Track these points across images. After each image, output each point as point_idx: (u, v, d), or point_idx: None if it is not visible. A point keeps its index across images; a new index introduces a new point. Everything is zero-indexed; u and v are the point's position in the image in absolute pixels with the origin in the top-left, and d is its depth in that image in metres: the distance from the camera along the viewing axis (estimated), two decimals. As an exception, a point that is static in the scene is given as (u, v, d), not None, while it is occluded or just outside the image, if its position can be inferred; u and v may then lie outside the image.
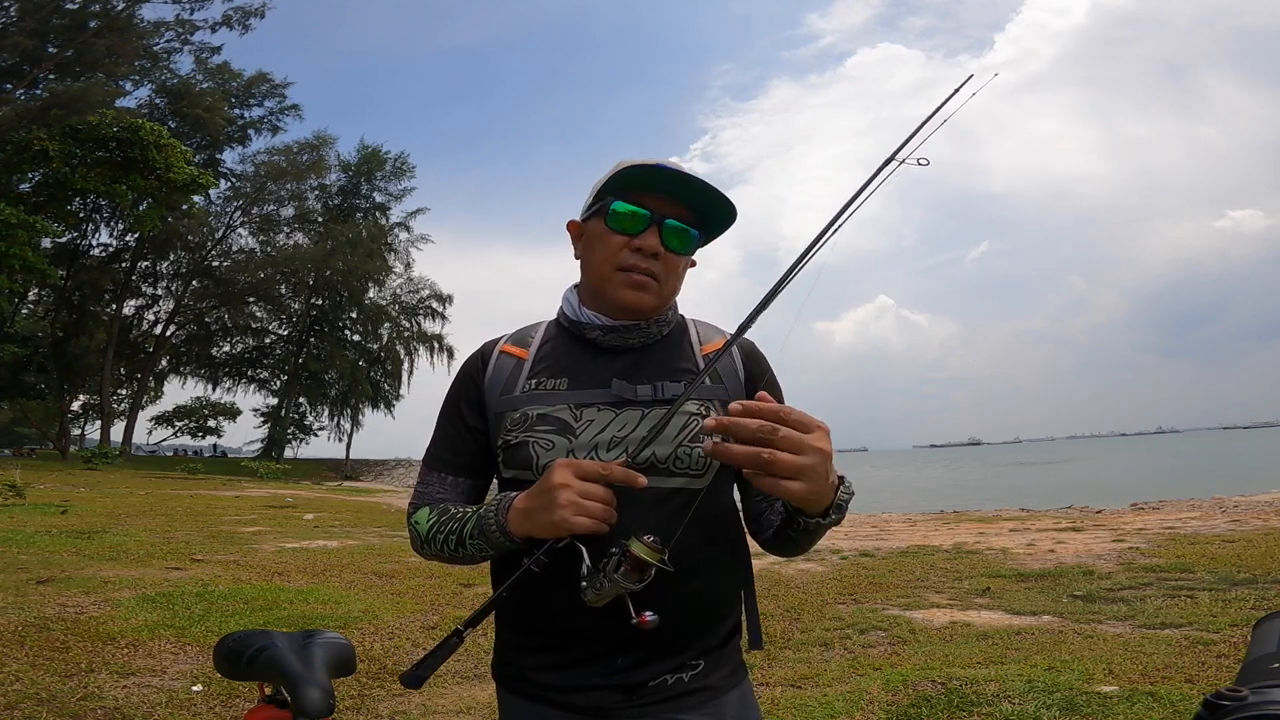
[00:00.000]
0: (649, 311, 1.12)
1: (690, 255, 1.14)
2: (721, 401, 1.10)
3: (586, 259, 1.15)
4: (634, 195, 1.09)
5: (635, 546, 0.90)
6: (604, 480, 0.94)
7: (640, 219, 1.08)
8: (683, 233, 1.09)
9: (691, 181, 1.07)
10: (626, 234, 1.08)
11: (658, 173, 1.08)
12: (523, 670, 1.07)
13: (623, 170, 1.09)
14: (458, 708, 3.41)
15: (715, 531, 1.08)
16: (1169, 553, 6.98)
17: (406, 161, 45.52)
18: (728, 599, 1.10)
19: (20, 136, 25.68)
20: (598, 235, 1.11)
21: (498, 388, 1.12)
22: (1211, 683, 3.40)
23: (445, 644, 0.99)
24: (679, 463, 1.04)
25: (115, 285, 38.39)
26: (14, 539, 7.80)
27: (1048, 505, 14.32)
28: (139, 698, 3.42)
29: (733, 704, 1.06)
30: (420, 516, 1.11)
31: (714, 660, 1.06)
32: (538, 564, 0.96)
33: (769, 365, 1.18)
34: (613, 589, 0.92)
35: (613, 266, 1.09)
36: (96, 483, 18.71)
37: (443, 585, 6.20)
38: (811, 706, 3.38)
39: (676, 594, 1.00)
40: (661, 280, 1.10)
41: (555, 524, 0.93)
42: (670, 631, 1.00)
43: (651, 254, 1.08)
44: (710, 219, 1.12)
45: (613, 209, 1.09)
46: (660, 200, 1.08)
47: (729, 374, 1.14)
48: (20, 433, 49.90)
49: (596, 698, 1.02)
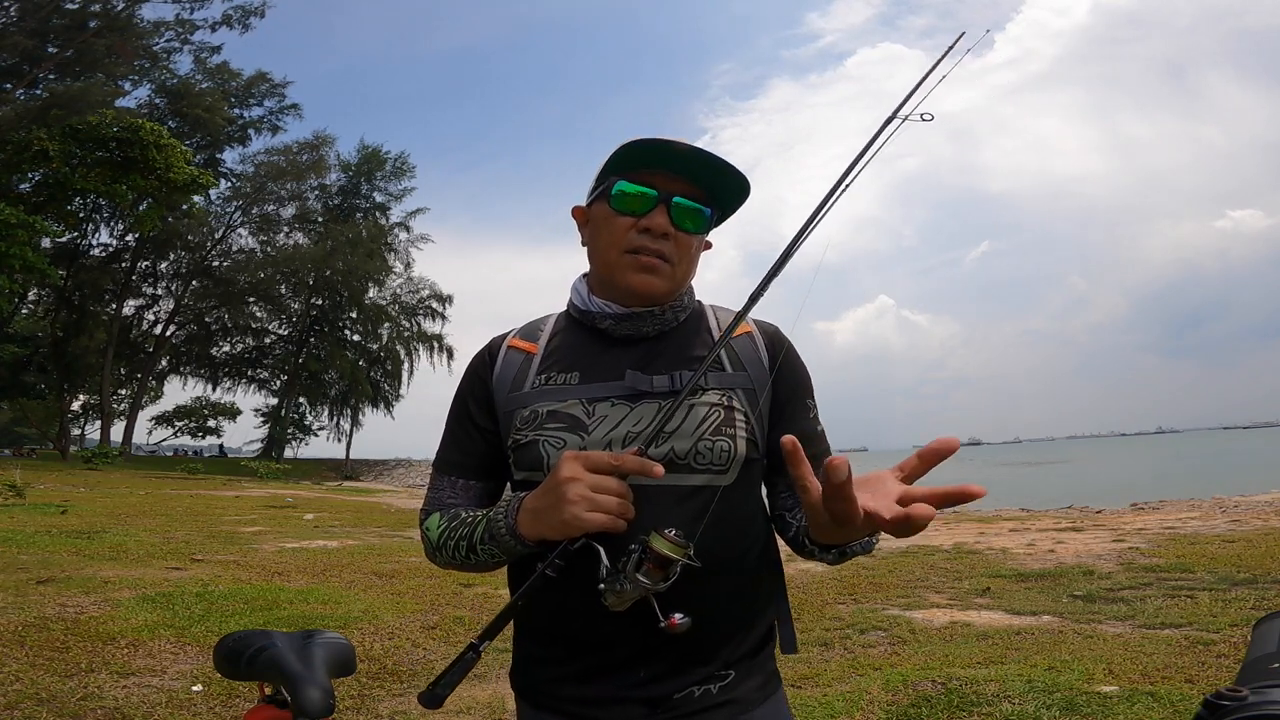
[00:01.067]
0: (661, 296, 1.04)
1: (704, 235, 1.06)
2: (745, 390, 1.03)
3: (593, 244, 1.08)
4: (639, 174, 1.01)
5: (656, 541, 0.84)
6: (617, 472, 0.88)
7: (647, 198, 1.01)
8: (694, 211, 1.02)
9: (700, 155, 1.00)
10: (633, 214, 1.01)
11: (663, 148, 1.00)
12: (541, 681, 1.02)
13: (626, 147, 1.01)
14: (458, 708, 3.42)
15: (742, 531, 1.02)
16: (1169, 553, 6.98)
17: (406, 161, 45.55)
18: (758, 604, 1.03)
19: (20, 136, 25.67)
20: (603, 218, 1.04)
21: (506, 384, 1.06)
22: (1211, 683, 3.40)
23: (461, 660, 0.92)
24: (700, 458, 0.97)
25: (115, 285, 38.37)
26: (14, 539, 7.80)
27: (1048, 505, 14.32)
28: (139, 698, 3.42)
29: (764, 717, 0.99)
30: (431, 523, 1.05)
31: (744, 670, 1.00)
32: (553, 568, 0.89)
33: (791, 347, 1.10)
34: (635, 590, 0.85)
35: (620, 249, 1.02)
36: (96, 483, 18.70)
37: (443, 585, 6.19)
38: (811, 706, 3.38)
39: (702, 599, 0.92)
40: (674, 262, 1.02)
41: (566, 522, 0.87)
42: (696, 640, 0.94)
43: (661, 234, 1.01)
44: (722, 195, 1.05)
45: (616, 189, 1.02)
46: (667, 178, 1.01)
47: (751, 361, 1.06)
48: (20, 433, 49.91)
49: (618, 711, 0.96)
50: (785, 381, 1.07)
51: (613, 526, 0.87)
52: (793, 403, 1.07)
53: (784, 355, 1.07)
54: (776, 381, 1.06)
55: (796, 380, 1.09)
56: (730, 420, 1.00)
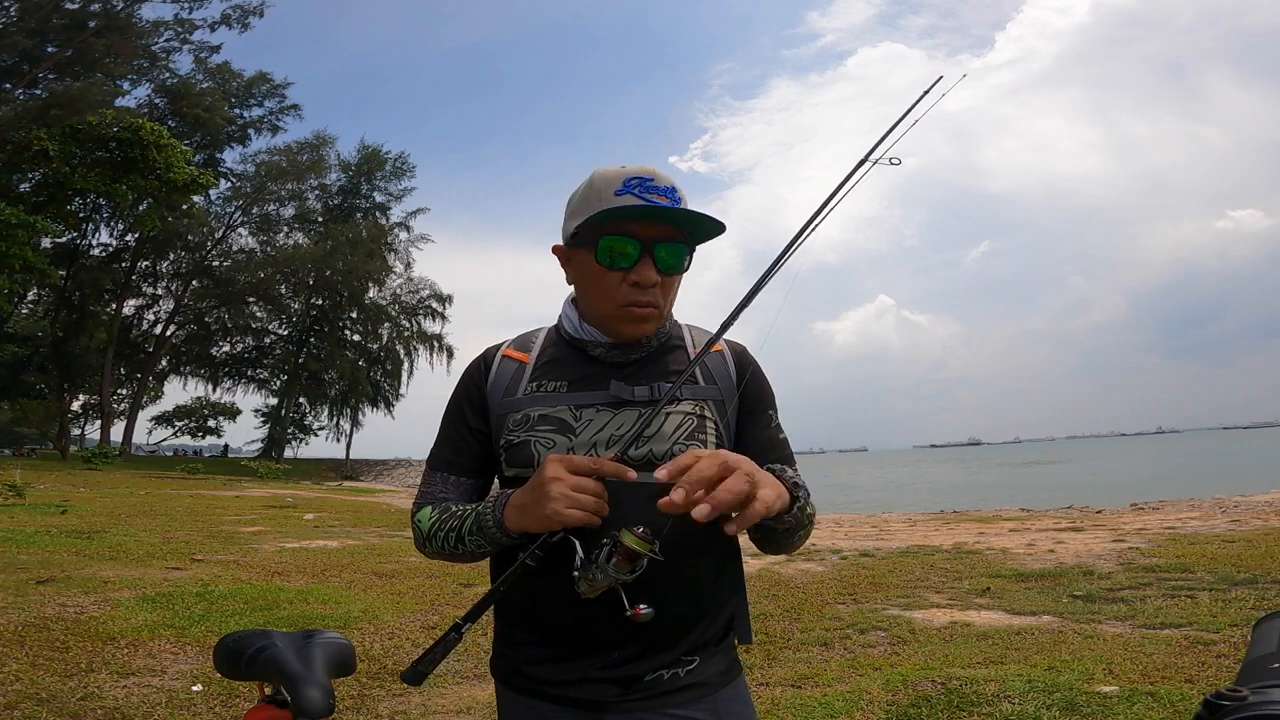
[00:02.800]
0: (651, 334, 1.15)
1: (686, 270, 1.14)
2: (715, 401, 1.13)
3: (583, 293, 1.15)
4: (620, 225, 1.07)
5: (626, 537, 0.92)
6: (595, 474, 0.97)
7: (630, 254, 1.07)
8: (675, 251, 1.10)
9: (676, 214, 1.07)
10: (620, 270, 1.08)
11: (638, 210, 1.06)
12: (519, 664, 1.09)
13: (604, 213, 1.07)
14: (458, 708, 3.41)
15: (710, 529, 1.07)
16: (1169, 553, 6.98)
17: (406, 161, 45.61)
18: (722, 596, 1.12)
19: (20, 136, 25.71)
20: (592, 273, 1.10)
21: (500, 390, 1.15)
22: (1211, 683, 3.40)
23: (444, 640, 1.00)
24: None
25: (115, 285, 38.38)
26: (14, 539, 7.80)
27: (1048, 505, 14.33)
28: (139, 698, 3.42)
29: (726, 700, 1.08)
30: (423, 515, 1.13)
31: (708, 656, 1.08)
32: (533, 558, 0.98)
33: (757, 365, 1.21)
34: (605, 580, 0.94)
35: (615, 305, 1.10)
36: (96, 483, 18.71)
37: (443, 585, 6.19)
38: (811, 706, 3.38)
39: (673, 590, 1.03)
40: (661, 305, 1.11)
41: (548, 517, 0.95)
42: (666, 627, 1.04)
43: (650, 285, 1.08)
44: (696, 231, 1.11)
45: (601, 245, 1.08)
46: (645, 224, 1.07)
47: (721, 375, 1.16)
48: (20, 433, 49.91)
49: (592, 691, 1.04)
50: (750, 395, 1.18)
51: (588, 522, 0.96)
52: (755, 413, 1.18)
53: (750, 372, 1.19)
54: (742, 394, 1.17)
55: (760, 394, 1.20)
56: (702, 428, 1.11)
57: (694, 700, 1.05)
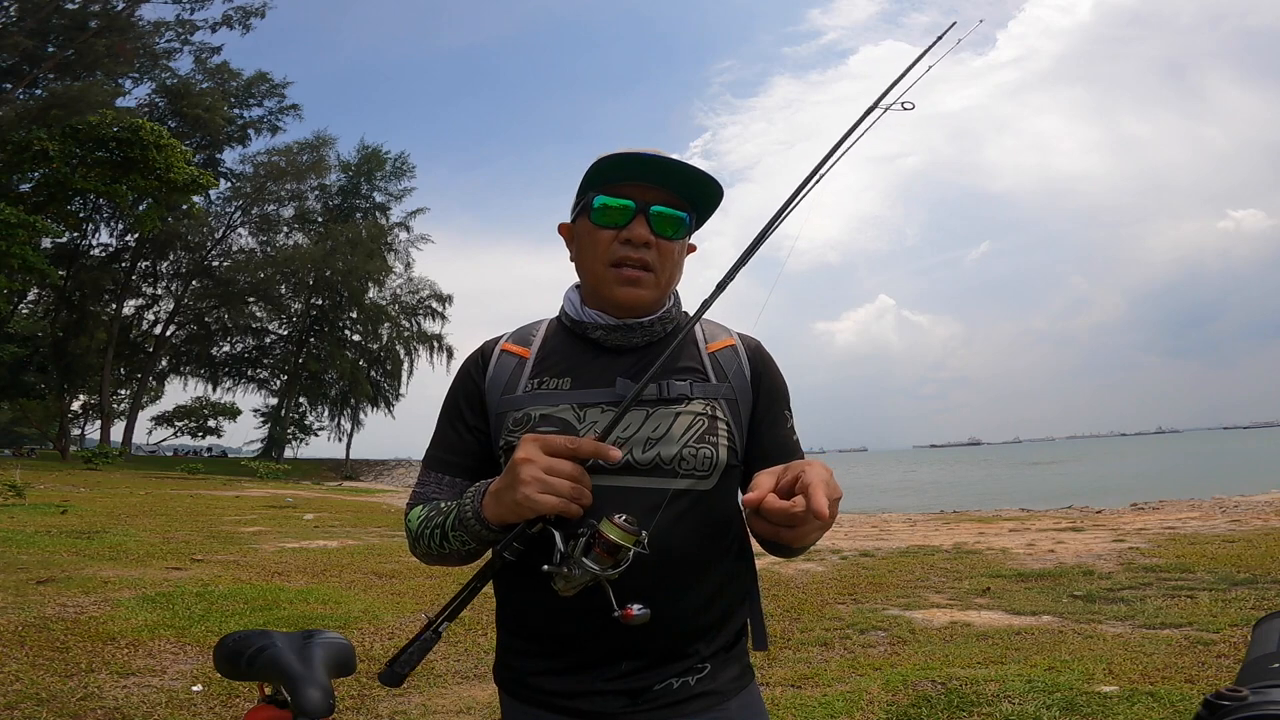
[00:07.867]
0: (648, 305, 1.09)
1: (685, 240, 1.10)
2: (727, 400, 1.08)
3: (580, 260, 1.12)
4: (616, 187, 1.05)
5: (606, 527, 0.84)
6: (572, 455, 0.90)
7: (625, 210, 1.05)
8: (672, 218, 1.06)
9: (670, 164, 1.04)
10: (614, 227, 1.05)
11: (635, 160, 1.04)
12: (524, 675, 1.04)
13: (599, 163, 1.05)
14: (458, 708, 3.41)
15: (721, 533, 1.06)
16: (1169, 553, 6.98)
17: (406, 161, 45.63)
18: (734, 601, 1.08)
19: (20, 136, 25.70)
20: (586, 234, 1.08)
21: (499, 387, 1.09)
22: (1211, 683, 3.40)
23: (421, 640, 0.94)
24: (684, 464, 1.01)
25: (115, 285, 38.39)
26: (14, 539, 7.80)
27: (1048, 505, 14.33)
28: (139, 698, 3.42)
29: (739, 707, 1.04)
30: (413, 515, 1.08)
31: (720, 663, 1.04)
32: (510, 550, 0.92)
33: (774, 364, 1.16)
34: (583, 575, 0.85)
35: (605, 263, 1.06)
36: (96, 483, 18.71)
37: (443, 585, 6.19)
38: (811, 706, 3.38)
39: (684, 596, 0.99)
40: (657, 270, 1.06)
41: (519, 503, 0.89)
42: (677, 635, 0.99)
43: (642, 244, 1.05)
44: (699, 200, 1.09)
45: (596, 204, 1.06)
46: (643, 188, 1.05)
47: (734, 373, 1.10)
48: (20, 433, 49.93)
49: (600, 703, 0.99)
50: (765, 393, 1.12)
51: (565, 510, 0.89)
52: (771, 413, 1.12)
53: (765, 368, 1.13)
54: (757, 393, 1.12)
55: (775, 392, 1.14)
56: (714, 429, 1.05)
57: (706, 709, 1.01)
